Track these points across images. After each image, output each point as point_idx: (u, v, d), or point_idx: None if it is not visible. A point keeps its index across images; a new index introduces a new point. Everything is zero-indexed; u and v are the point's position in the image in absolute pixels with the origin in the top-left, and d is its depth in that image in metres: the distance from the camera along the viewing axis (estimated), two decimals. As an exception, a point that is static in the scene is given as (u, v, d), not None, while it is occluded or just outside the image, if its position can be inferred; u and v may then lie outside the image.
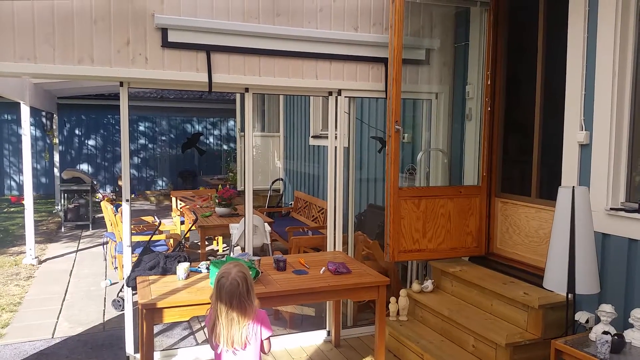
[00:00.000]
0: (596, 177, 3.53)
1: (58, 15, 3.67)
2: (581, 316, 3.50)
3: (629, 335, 3.02)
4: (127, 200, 4.14)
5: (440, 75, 4.98)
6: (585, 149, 3.63)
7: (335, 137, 4.69)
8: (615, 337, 2.91)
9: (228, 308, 2.57)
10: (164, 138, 15.71)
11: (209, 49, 4.06)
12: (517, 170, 4.60)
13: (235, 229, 5.50)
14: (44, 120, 11.71)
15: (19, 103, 7.48)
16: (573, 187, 3.11)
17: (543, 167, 4.23)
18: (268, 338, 2.75)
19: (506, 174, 4.69)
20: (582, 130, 3.63)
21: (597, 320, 3.19)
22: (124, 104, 4.01)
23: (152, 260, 3.90)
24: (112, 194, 13.46)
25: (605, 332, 2.96)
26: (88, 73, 3.80)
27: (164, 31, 3.91)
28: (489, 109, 4.59)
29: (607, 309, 3.09)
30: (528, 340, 3.63)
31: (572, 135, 3.69)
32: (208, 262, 3.87)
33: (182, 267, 3.67)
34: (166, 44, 3.93)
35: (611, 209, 3.42)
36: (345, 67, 4.53)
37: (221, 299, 2.58)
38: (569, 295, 3.26)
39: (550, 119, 4.12)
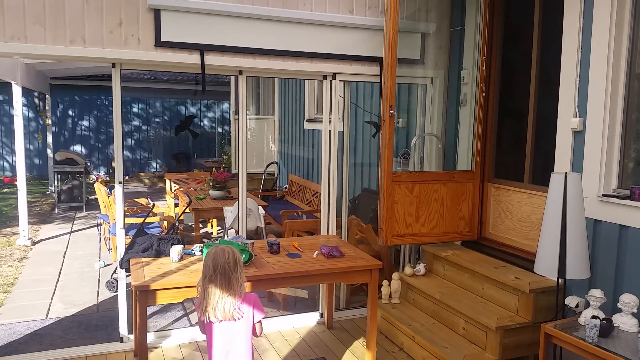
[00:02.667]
0: (589, 164, 3.55)
1: (49, -6, 3.62)
2: (571, 301, 3.54)
3: (617, 319, 3.07)
4: (119, 183, 4.13)
5: (436, 59, 4.96)
6: (578, 135, 3.64)
7: (330, 121, 4.68)
8: (604, 321, 2.95)
9: (213, 275, 2.59)
10: (157, 120, 15.63)
11: (203, 48, 4.04)
12: (510, 155, 4.62)
13: (229, 211, 5.50)
14: (36, 100, 11.62)
15: (11, 83, 7.40)
16: (565, 173, 3.12)
17: (536, 153, 4.24)
18: (260, 321, 2.77)
19: (500, 160, 4.71)
20: (576, 116, 3.63)
21: (587, 305, 3.23)
22: (116, 86, 3.98)
23: (145, 242, 3.91)
24: (105, 175, 13.41)
25: (594, 317, 2.99)
26: (80, 54, 3.76)
27: (156, 12, 3.87)
28: (484, 94, 4.58)
29: (596, 294, 3.13)
30: (518, 323, 3.67)
31: (566, 121, 3.70)
32: (201, 244, 3.88)
33: (176, 250, 3.68)
34: (159, 44, 3.90)
35: (603, 195, 3.44)
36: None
37: (206, 268, 2.62)
38: (560, 280, 3.30)
39: (545, 105, 4.13)
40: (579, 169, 3.61)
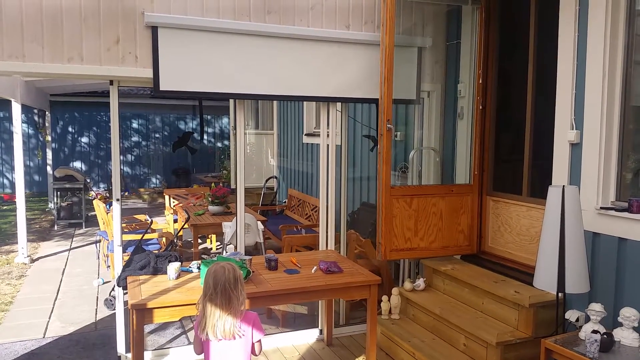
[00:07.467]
0: (586, 176, 3.54)
1: (46, 13, 3.64)
2: (571, 315, 3.51)
3: (618, 334, 3.04)
4: (117, 200, 4.12)
5: (432, 73, 4.98)
6: (575, 148, 3.64)
7: (328, 135, 4.68)
8: (605, 336, 2.92)
9: (213, 294, 2.58)
10: (157, 135, 15.66)
11: (200, 97, 4.11)
12: (508, 168, 4.61)
13: (228, 227, 5.49)
14: (36, 117, 11.66)
15: (10, 100, 7.43)
16: (563, 186, 3.11)
17: (534, 165, 4.24)
18: (259, 340, 2.75)
19: (498, 173, 4.70)
20: (572, 129, 3.64)
21: (587, 319, 3.20)
22: (114, 103, 3.99)
23: (142, 260, 3.88)
24: (105, 191, 13.40)
25: (594, 331, 2.97)
26: (78, 72, 3.77)
27: (154, 29, 3.88)
28: (481, 107, 4.59)
29: (596, 308, 3.10)
30: (519, 339, 3.64)
31: (563, 134, 3.70)
32: (199, 261, 3.86)
33: (173, 267, 3.66)
34: (159, 93, 3.93)
35: (601, 208, 3.43)
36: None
37: (207, 286, 2.61)
38: (559, 294, 3.27)
39: (542, 117, 4.13)
40: (577, 181, 3.60)
